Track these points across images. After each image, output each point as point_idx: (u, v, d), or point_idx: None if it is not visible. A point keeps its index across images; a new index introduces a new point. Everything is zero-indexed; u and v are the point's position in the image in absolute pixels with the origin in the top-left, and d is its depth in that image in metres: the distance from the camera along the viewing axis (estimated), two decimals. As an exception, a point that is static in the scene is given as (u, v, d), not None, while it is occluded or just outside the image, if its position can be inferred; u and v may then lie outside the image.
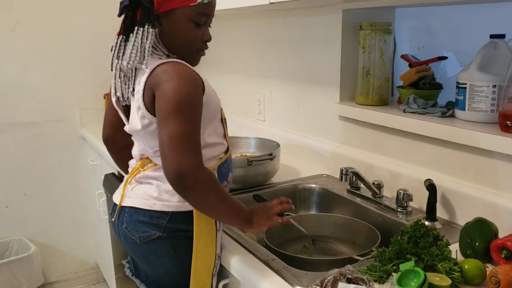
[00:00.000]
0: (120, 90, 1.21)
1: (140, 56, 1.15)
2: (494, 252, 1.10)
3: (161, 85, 1.11)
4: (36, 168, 2.86)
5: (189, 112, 1.10)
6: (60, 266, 3.04)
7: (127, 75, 1.19)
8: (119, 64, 1.19)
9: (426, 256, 1.09)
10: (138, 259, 1.29)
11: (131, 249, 1.28)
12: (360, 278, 1.04)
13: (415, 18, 1.77)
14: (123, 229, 1.25)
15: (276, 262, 1.19)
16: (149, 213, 1.21)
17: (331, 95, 1.88)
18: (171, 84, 1.10)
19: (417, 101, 1.58)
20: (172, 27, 1.19)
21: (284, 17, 2.12)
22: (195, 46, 1.23)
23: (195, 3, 1.16)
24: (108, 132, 1.42)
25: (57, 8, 2.76)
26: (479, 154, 1.35)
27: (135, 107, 1.19)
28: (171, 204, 1.20)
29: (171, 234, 1.21)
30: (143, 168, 1.26)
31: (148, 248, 1.22)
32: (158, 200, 1.21)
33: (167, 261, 1.23)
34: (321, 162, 1.94)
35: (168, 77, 1.11)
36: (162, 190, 1.21)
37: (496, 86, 1.36)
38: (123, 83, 1.20)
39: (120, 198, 1.27)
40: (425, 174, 1.47)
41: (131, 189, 1.27)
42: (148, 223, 1.21)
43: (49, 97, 2.82)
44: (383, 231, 1.42)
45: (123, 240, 1.28)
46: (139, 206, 1.22)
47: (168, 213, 1.20)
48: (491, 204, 1.30)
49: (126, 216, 1.25)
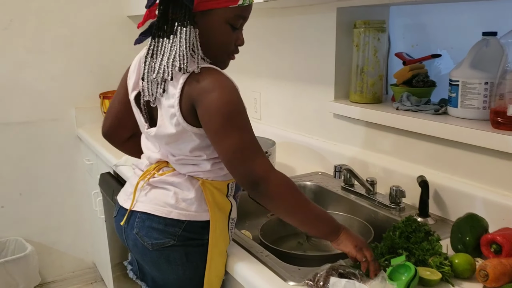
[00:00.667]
0: (150, 91, 1.12)
1: (182, 57, 1.05)
2: (484, 246, 1.12)
3: (203, 97, 1.05)
4: (32, 167, 2.86)
5: (242, 120, 1.08)
6: (57, 266, 3.04)
7: (162, 76, 1.08)
8: (155, 65, 1.10)
9: (417, 251, 1.10)
10: (147, 264, 1.24)
11: (140, 255, 1.23)
12: (352, 272, 1.05)
13: (409, 16, 1.78)
14: (133, 234, 1.20)
15: (270, 258, 1.20)
16: (164, 220, 1.16)
17: (326, 93, 1.89)
18: (216, 96, 1.04)
19: (411, 98, 1.60)
20: (207, 28, 1.11)
21: (279, 15, 2.13)
22: (229, 49, 1.17)
23: (235, 5, 1.10)
24: (110, 125, 1.36)
25: (52, 6, 2.75)
26: (471, 151, 1.37)
27: (167, 112, 1.11)
28: (189, 213, 1.16)
29: (185, 242, 1.17)
30: (159, 172, 1.21)
31: (160, 255, 1.18)
32: (174, 208, 1.16)
33: (179, 268, 1.20)
34: (316, 159, 1.95)
35: (209, 87, 1.05)
36: (180, 198, 1.17)
37: (488, 83, 1.37)
38: (154, 84, 1.11)
39: (131, 202, 1.22)
40: (418, 171, 1.48)
41: (145, 194, 1.21)
42: (163, 230, 1.16)
43: (45, 97, 2.82)
44: (377, 227, 1.43)
45: (132, 245, 1.23)
46: (153, 213, 1.17)
47: (184, 221, 1.16)
48: (483, 199, 1.31)
49: (138, 222, 1.20)
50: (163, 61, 1.08)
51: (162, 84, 1.09)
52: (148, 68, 1.12)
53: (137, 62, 1.22)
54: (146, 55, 1.12)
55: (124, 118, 1.32)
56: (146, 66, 1.12)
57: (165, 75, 1.07)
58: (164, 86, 1.09)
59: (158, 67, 1.09)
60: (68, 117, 2.91)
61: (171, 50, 1.07)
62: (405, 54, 1.76)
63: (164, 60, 1.08)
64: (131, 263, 1.37)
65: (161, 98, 1.12)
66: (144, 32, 1.16)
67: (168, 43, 1.08)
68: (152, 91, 1.12)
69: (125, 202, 1.25)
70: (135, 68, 1.22)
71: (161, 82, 1.09)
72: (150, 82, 1.11)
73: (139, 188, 1.23)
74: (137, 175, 1.27)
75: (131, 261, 1.38)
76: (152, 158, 1.24)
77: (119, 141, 1.40)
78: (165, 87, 1.09)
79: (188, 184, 1.17)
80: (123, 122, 1.34)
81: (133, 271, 1.36)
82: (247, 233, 1.51)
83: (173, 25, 1.08)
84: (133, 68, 1.23)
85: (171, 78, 1.07)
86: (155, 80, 1.10)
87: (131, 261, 1.38)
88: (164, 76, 1.08)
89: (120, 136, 1.39)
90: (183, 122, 1.09)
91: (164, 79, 1.08)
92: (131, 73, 1.24)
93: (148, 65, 1.12)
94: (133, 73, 1.23)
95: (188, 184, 1.17)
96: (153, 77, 1.10)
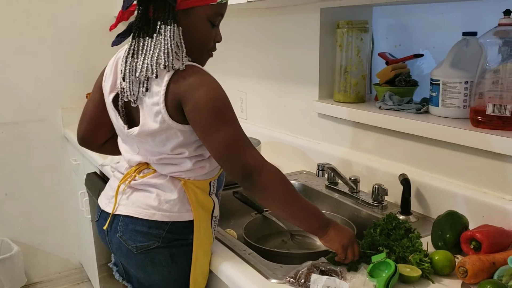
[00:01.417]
0: (132, 91, 1.11)
1: (166, 55, 1.06)
2: (464, 243, 1.13)
3: (191, 94, 1.06)
4: (18, 168, 2.84)
5: (230, 114, 1.09)
6: (43, 266, 3.03)
7: (146, 74, 1.08)
8: (137, 64, 1.09)
9: (397, 248, 1.11)
10: (132, 267, 1.24)
11: (125, 258, 1.22)
12: (333, 269, 1.06)
13: (392, 16, 1.80)
14: (117, 238, 1.20)
15: (252, 256, 1.21)
16: (148, 223, 1.16)
17: (310, 93, 1.91)
18: (203, 92, 1.06)
19: (393, 98, 1.61)
20: (189, 26, 1.12)
21: (263, 16, 2.14)
22: (208, 46, 1.19)
23: (214, 3, 1.12)
24: (86, 129, 1.35)
25: (39, 6, 2.74)
26: (452, 149, 1.39)
27: (151, 110, 1.10)
28: (172, 214, 1.16)
29: (169, 244, 1.17)
30: (140, 175, 1.21)
31: (145, 257, 1.18)
32: (157, 210, 1.16)
33: (164, 269, 1.19)
34: (301, 159, 1.97)
35: (196, 84, 1.06)
36: (163, 199, 1.16)
37: (468, 82, 1.39)
38: (136, 84, 1.10)
39: (113, 206, 1.21)
40: (400, 169, 1.50)
41: (127, 197, 1.21)
42: (147, 233, 1.16)
43: (31, 97, 2.80)
44: (359, 225, 1.45)
45: (116, 248, 1.23)
46: (136, 216, 1.17)
47: (168, 223, 1.16)
48: (463, 197, 1.33)
49: (121, 225, 1.19)
50: (146, 60, 1.08)
51: (145, 82, 1.09)
52: (130, 67, 1.11)
53: (113, 64, 1.21)
54: (127, 55, 1.12)
55: (100, 121, 1.31)
56: (127, 66, 1.11)
57: (148, 73, 1.07)
58: (147, 85, 1.09)
59: (141, 66, 1.08)
60: (55, 117, 2.89)
61: (154, 48, 1.07)
62: (388, 54, 1.78)
63: (147, 59, 1.08)
64: (116, 264, 1.37)
65: (143, 97, 1.11)
66: (123, 33, 1.16)
67: (151, 42, 1.08)
68: (133, 91, 1.11)
69: (107, 206, 1.25)
70: (111, 71, 1.21)
71: (144, 81, 1.09)
72: (132, 81, 1.11)
73: (121, 191, 1.22)
74: (117, 178, 1.26)
75: (115, 262, 1.37)
76: (132, 161, 1.23)
77: (96, 145, 1.39)
78: (148, 85, 1.09)
79: (170, 185, 1.17)
80: (99, 126, 1.32)
81: (119, 273, 1.35)
82: (232, 232, 1.51)
83: (156, 24, 1.08)
84: (109, 71, 1.22)
85: (156, 75, 1.07)
86: (138, 79, 1.09)
87: (115, 262, 1.37)
88: (148, 74, 1.07)
89: (97, 140, 1.37)
90: (168, 119, 1.08)
91: (147, 77, 1.08)
92: (107, 75, 1.23)
93: (129, 64, 1.11)
94: (109, 76, 1.21)
95: (170, 185, 1.17)
96: (136, 76, 1.09)
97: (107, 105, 1.23)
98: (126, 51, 1.13)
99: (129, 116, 1.21)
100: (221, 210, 1.66)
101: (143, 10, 1.10)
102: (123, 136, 1.24)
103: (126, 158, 1.25)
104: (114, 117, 1.22)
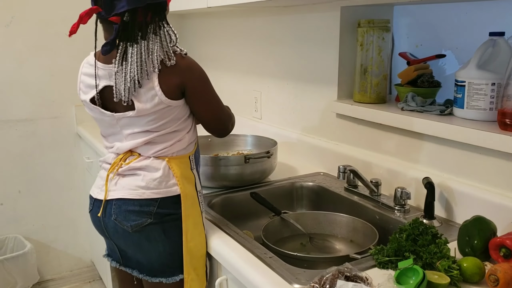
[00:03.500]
0: (124, 92, 1.22)
1: (158, 59, 1.22)
2: (493, 250, 1.10)
3: (192, 72, 1.26)
4: (31, 165, 2.84)
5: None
6: (55, 264, 3.02)
7: (141, 77, 1.21)
8: (131, 66, 1.20)
9: (424, 254, 1.08)
10: (129, 248, 1.34)
11: (123, 240, 1.32)
12: (359, 276, 1.03)
13: (413, 16, 1.77)
14: (112, 221, 1.30)
15: (273, 260, 1.18)
16: (139, 202, 1.27)
17: (328, 93, 1.88)
18: (200, 69, 1.29)
19: (415, 99, 1.58)
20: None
21: (282, 14, 2.11)
22: None
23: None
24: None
25: (53, 3, 2.73)
26: (478, 152, 1.35)
27: (146, 95, 1.22)
28: (160, 191, 1.28)
29: (161, 219, 1.28)
30: (126, 162, 1.32)
31: (140, 235, 1.29)
32: (146, 189, 1.27)
33: (159, 245, 1.30)
34: (319, 160, 1.94)
35: (192, 63, 1.28)
36: (149, 179, 1.28)
37: (495, 84, 1.35)
38: (132, 82, 1.21)
39: (105, 193, 1.32)
40: (423, 172, 1.47)
41: (115, 183, 1.31)
42: (139, 211, 1.27)
43: (45, 94, 2.80)
44: (381, 229, 1.42)
45: (112, 232, 1.33)
46: (128, 197, 1.28)
47: (157, 200, 1.27)
48: (489, 202, 1.29)
49: (114, 208, 1.29)
50: (141, 63, 1.20)
51: (139, 82, 1.21)
52: (125, 71, 1.21)
53: (88, 67, 1.35)
54: (119, 60, 1.21)
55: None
56: (123, 69, 1.21)
57: (144, 75, 1.21)
58: (140, 84, 1.21)
59: (135, 69, 1.19)
60: (68, 115, 2.89)
61: (148, 51, 1.21)
62: (409, 54, 1.75)
63: (142, 62, 1.20)
64: (110, 254, 1.47)
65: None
66: (111, 42, 1.22)
67: (143, 45, 1.20)
68: (126, 92, 1.22)
69: (99, 194, 1.35)
70: (88, 72, 1.34)
71: (137, 81, 1.20)
72: (125, 83, 1.21)
73: (110, 179, 1.33)
74: (105, 169, 1.37)
75: (109, 253, 1.48)
76: (121, 148, 1.33)
77: None
78: (141, 84, 1.21)
79: (154, 165, 1.29)
80: None
81: (115, 260, 1.44)
82: (249, 233, 1.49)
83: (149, 27, 1.22)
84: (88, 73, 1.34)
85: (159, 71, 1.21)
86: (132, 80, 1.20)
87: (109, 253, 1.48)
88: (143, 77, 1.21)
89: None
90: (165, 99, 1.22)
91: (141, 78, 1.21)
92: (85, 77, 1.36)
93: (123, 69, 1.21)
94: (88, 77, 1.33)
95: (154, 165, 1.29)
96: (133, 75, 1.20)
97: (87, 107, 1.35)
98: (118, 57, 1.22)
99: (104, 107, 1.32)
100: (239, 210, 1.66)
101: (131, 16, 1.19)
102: (109, 127, 1.34)
103: (115, 147, 1.35)
104: (98, 113, 1.33)
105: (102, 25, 1.29)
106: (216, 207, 1.60)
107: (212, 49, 2.78)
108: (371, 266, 1.13)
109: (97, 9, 1.22)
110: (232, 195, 1.68)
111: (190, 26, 3.00)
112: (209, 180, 1.68)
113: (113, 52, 1.23)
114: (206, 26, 2.82)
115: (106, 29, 1.28)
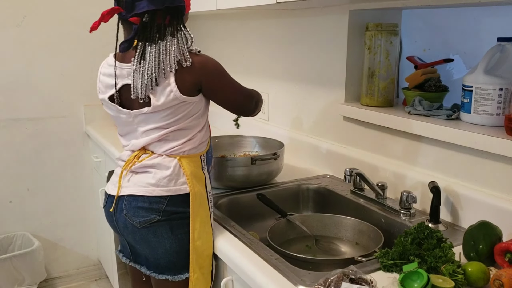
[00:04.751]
0: (141, 90, 1.26)
1: (175, 59, 1.25)
2: (498, 255, 1.10)
3: (207, 67, 1.30)
4: (40, 163, 2.87)
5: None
6: (62, 262, 3.05)
7: (158, 76, 1.25)
8: (149, 65, 1.24)
9: (429, 258, 1.09)
10: (138, 243, 1.36)
11: (132, 235, 1.35)
12: (363, 278, 1.04)
13: (421, 20, 1.77)
14: (123, 217, 1.34)
15: (279, 262, 1.19)
16: (149, 199, 1.30)
17: (336, 95, 1.88)
18: (214, 62, 1.32)
19: (423, 103, 1.58)
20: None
21: (290, 17, 2.12)
22: None
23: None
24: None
25: (64, 3, 2.76)
26: (484, 157, 1.35)
27: (163, 92, 1.26)
28: (170, 188, 1.30)
29: (169, 217, 1.31)
30: (139, 160, 1.35)
31: (148, 231, 1.32)
32: (156, 187, 1.30)
33: (166, 242, 1.32)
34: (325, 162, 1.94)
35: (207, 59, 1.31)
36: (159, 177, 1.30)
37: (502, 89, 1.36)
38: (149, 81, 1.25)
39: (117, 189, 1.35)
40: (429, 176, 1.47)
41: (128, 180, 1.35)
42: (148, 208, 1.30)
43: (54, 93, 2.83)
44: (386, 232, 1.42)
45: (122, 227, 1.36)
46: (138, 194, 1.31)
47: (166, 197, 1.30)
48: (495, 207, 1.30)
49: (125, 204, 1.33)
50: (159, 62, 1.24)
51: (156, 80, 1.25)
52: (143, 69, 1.25)
53: (107, 68, 1.38)
54: (138, 59, 1.25)
55: None
56: (141, 67, 1.25)
57: (161, 74, 1.24)
58: (157, 81, 1.25)
59: (152, 68, 1.24)
60: (77, 114, 2.91)
61: (166, 51, 1.25)
62: (417, 58, 1.75)
63: (160, 61, 1.24)
64: (122, 251, 1.50)
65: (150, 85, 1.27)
66: (129, 40, 1.26)
67: (162, 45, 1.24)
68: (142, 89, 1.25)
69: (112, 190, 1.38)
70: (107, 72, 1.37)
71: (155, 79, 1.24)
72: (143, 82, 1.24)
73: (123, 176, 1.36)
74: (120, 166, 1.40)
75: (121, 249, 1.51)
76: (136, 144, 1.36)
77: None
78: (158, 82, 1.25)
79: (165, 163, 1.31)
80: None
81: (126, 256, 1.48)
82: (255, 234, 1.50)
83: (168, 29, 1.27)
84: (107, 73, 1.38)
85: (175, 71, 1.25)
86: (149, 78, 1.24)
87: (121, 249, 1.51)
88: (161, 75, 1.24)
89: None
90: (180, 96, 1.25)
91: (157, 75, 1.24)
92: (104, 77, 1.39)
93: (141, 68, 1.25)
94: (107, 77, 1.37)
95: (165, 163, 1.31)
96: (150, 73, 1.24)
97: (105, 105, 1.39)
98: (137, 55, 1.26)
99: (122, 105, 1.36)
100: (245, 212, 1.67)
101: (150, 17, 1.24)
102: (125, 125, 1.37)
103: (130, 144, 1.38)
104: (116, 110, 1.36)
105: (123, 26, 1.33)
106: (222, 208, 1.61)
107: (220, 50, 2.79)
108: (376, 269, 1.14)
109: (118, 9, 1.27)
110: (239, 196, 1.69)
111: (199, 27, 3.02)
112: (215, 181, 1.70)
113: (132, 52, 1.28)
114: (215, 27, 2.84)
115: (126, 29, 1.32)
